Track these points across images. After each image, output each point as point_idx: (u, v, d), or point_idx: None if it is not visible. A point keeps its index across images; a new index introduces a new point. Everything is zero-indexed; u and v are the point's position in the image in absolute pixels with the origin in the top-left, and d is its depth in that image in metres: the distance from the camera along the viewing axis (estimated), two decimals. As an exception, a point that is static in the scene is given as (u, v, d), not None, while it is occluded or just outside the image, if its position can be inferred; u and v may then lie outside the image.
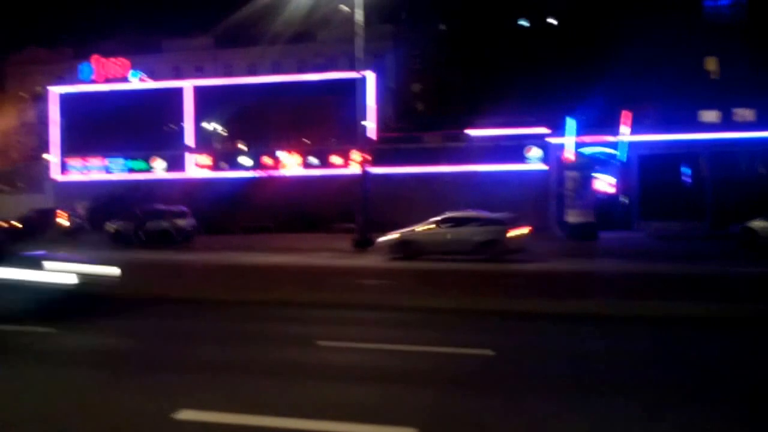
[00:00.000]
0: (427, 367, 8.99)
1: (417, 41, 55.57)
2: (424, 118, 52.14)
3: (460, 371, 8.77)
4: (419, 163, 39.10)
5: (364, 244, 27.36)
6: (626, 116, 35.17)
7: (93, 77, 44.66)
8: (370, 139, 34.26)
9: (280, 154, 41.91)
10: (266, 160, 41.99)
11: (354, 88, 32.42)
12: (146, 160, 43.78)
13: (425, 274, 19.54)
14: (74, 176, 45.00)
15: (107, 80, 44.60)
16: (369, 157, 30.03)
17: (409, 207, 33.10)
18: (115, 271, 13.46)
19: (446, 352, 9.79)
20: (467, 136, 39.39)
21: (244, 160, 42.45)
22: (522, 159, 38.16)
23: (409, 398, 7.41)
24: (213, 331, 11.57)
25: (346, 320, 12.83)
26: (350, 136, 34.93)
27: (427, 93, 58.74)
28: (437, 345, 10.20)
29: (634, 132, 35.56)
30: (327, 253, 26.05)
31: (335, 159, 40.76)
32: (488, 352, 9.68)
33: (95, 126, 43.57)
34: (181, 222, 33.04)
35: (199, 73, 62.12)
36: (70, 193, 42.76)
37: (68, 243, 32.54)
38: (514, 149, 38.14)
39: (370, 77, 38.56)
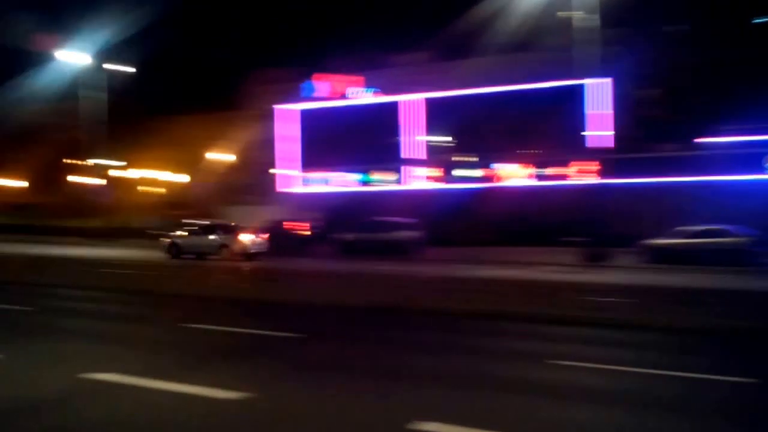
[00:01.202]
0: (675, 393, 8.34)
1: (646, 45, 53.12)
2: (654, 126, 49.64)
3: (717, 400, 8.06)
4: (650, 173, 37.10)
5: (597, 257, 26.60)
6: None
7: (322, 94, 47.28)
8: (598, 149, 33.31)
9: (502, 165, 41.85)
10: (489, 171, 42.12)
11: (579, 96, 31.54)
12: (372, 172, 45.39)
13: (669, 292, 18.05)
14: (305, 188, 47.77)
15: (336, 96, 47.00)
16: (599, 168, 29.19)
17: (639, 219, 31.81)
18: None
19: (697, 377, 9.03)
20: (703, 144, 37.05)
21: (467, 172, 42.86)
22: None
23: (658, 427, 6.98)
24: (442, 343, 11.62)
25: (581, 338, 12.34)
26: (576, 146, 34.13)
27: (658, 100, 55.91)
28: (688, 370, 9.38)
29: None
30: (554, 267, 25.49)
31: (560, 170, 39.83)
32: (751, 379, 8.79)
33: (325, 140, 46.00)
34: (409, 233, 33.92)
35: (421, 86, 63.60)
36: (301, 204, 45.29)
37: (304, 252, 34.82)
38: (756, 158, 35.25)
39: (600, 84, 37.45)
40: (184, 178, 75.66)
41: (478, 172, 42.45)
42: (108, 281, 20.42)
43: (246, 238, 32.13)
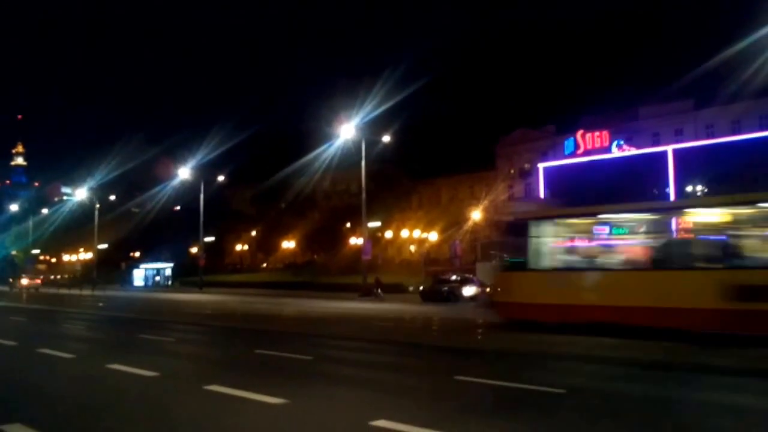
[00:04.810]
0: None
1: None
2: None
3: None
4: None
5: None
6: None
7: (576, 151, 46.35)
8: None
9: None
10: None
11: None
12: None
13: None
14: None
15: (588, 152, 45.80)
16: None
17: None
18: None
19: None
20: None
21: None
22: None
23: None
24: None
25: None
26: None
27: None
28: None
29: None
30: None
31: None
32: None
33: (577, 196, 44.87)
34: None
35: (679, 136, 60.30)
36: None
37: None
38: None
39: None
40: (437, 236, 77.42)
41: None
42: (376, 333, 20.97)
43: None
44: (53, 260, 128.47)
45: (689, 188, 41.95)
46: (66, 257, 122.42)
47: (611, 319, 17.12)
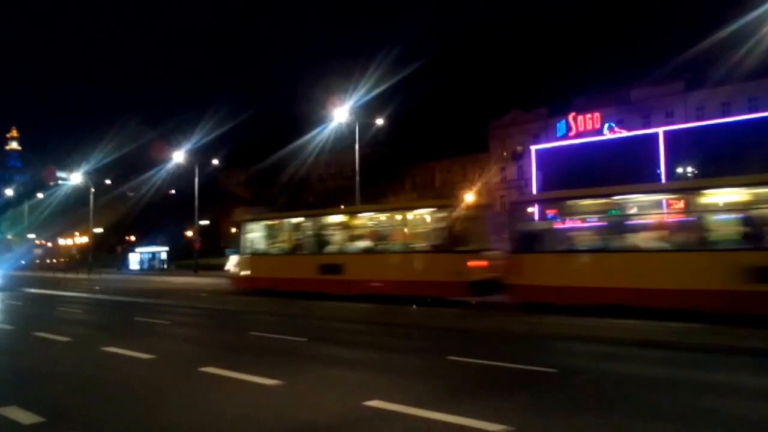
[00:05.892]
0: None
1: None
2: None
3: None
4: None
5: None
6: None
7: (568, 133, 46.31)
8: None
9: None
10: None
11: None
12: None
13: None
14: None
15: (580, 134, 45.75)
16: None
17: None
18: None
19: None
20: None
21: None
22: None
23: None
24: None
25: None
26: None
27: None
28: None
29: None
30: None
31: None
32: None
33: (569, 178, 44.91)
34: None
35: (670, 118, 60.37)
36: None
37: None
38: None
39: None
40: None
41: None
42: (372, 315, 20.95)
43: None
44: (49, 244, 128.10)
45: (680, 170, 41.98)
46: (62, 241, 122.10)
47: (289, 288, 26.37)
